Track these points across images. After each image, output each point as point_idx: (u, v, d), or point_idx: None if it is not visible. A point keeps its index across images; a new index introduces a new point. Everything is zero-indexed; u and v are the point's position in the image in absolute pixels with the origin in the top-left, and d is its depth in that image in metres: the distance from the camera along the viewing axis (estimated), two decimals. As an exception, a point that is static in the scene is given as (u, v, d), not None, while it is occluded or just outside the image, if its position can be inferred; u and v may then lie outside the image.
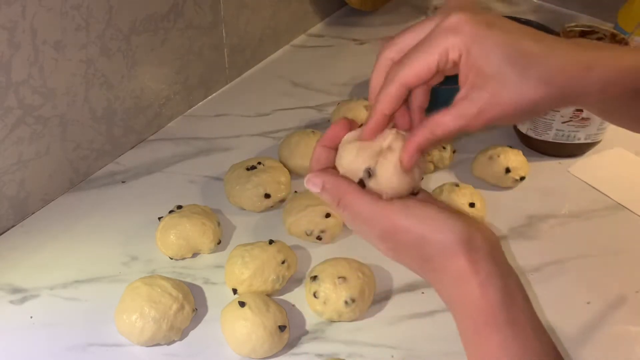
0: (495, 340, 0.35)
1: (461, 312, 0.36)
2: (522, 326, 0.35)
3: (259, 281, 0.61)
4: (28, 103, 0.64)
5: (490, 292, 0.35)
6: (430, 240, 0.36)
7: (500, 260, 0.36)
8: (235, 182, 0.71)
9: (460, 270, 0.35)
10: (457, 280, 0.36)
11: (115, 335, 0.59)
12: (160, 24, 0.75)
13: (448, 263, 0.36)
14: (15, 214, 0.69)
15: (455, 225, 0.36)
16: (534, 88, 0.35)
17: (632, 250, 0.69)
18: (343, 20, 1.06)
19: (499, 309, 0.35)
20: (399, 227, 0.37)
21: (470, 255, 0.35)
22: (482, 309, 0.35)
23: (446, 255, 0.36)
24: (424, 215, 0.37)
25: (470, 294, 0.35)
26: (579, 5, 1.10)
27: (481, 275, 0.35)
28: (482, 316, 0.35)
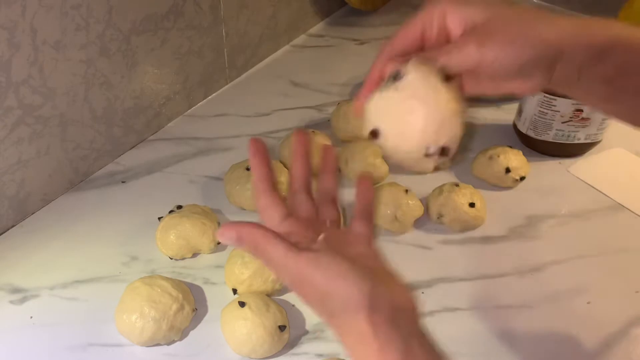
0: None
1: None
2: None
3: (259, 281, 0.61)
4: (28, 103, 0.64)
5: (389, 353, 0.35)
6: (334, 297, 0.36)
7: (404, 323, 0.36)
8: (235, 182, 0.71)
9: (360, 332, 0.36)
10: (358, 341, 0.36)
11: (115, 335, 0.59)
12: (160, 24, 0.75)
13: (350, 322, 0.36)
14: (15, 214, 0.69)
15: (361, 283, 0.36)
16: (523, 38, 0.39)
17: (632, 250, 0.69)
18: (343, 20, 1.06)
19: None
20: (305, 280, 0.37)
21: (371, 318, 0.36)
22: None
23: (349, 314, 0.36)
24: (332, 270, 0.37)
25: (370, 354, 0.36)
26: (579, 5, 1.10)
27: (380, 339, 0.35)
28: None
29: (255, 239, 0.38)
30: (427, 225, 0.71)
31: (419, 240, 0.70)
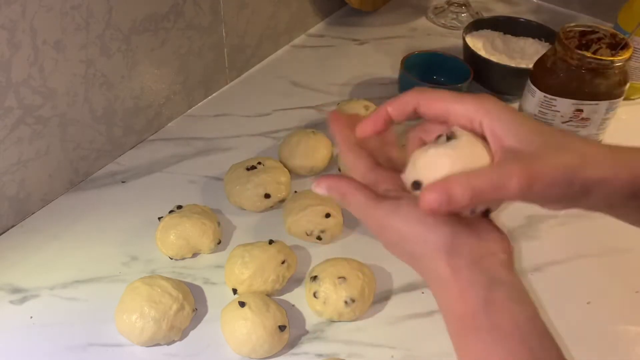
0: (476, 345, 0.35)
1: (445, 314, 0.37)
2: (506, 333, 0.34)
3: (259, 281, 0.61)
4: (28, 103, 0.64)
5: (470, 299, 0.35)
6: (414, 241, 0.37)
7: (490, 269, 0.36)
8: (235, 182, 0.71)
9: (441, 276, 0.36)
10: (439, 285, 0.37)
11: (115, 335, 0.59)
12: (160, 24, 0.75)
13: (430, 266, 0.37)
14: (15, 214, 0.69)
15: (441, 228, 0.36)
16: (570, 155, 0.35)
17: (632, 250, 0.69)
18: (343, 20, 1.06)
19: (478, 315, 0.35)
20: (385, 226, 0.38)
21: (451, 261, 0.36)
22: (461, 315, 0.36)
23: (429, 258, 0.37)
24: (412, 215, 0.37)
25: (451, 299, 0.36)
26: (579, 5, 1.10)
27: (460, 284, 0.36)
28: (462, 321, 0.36)
29: (340, 189, 0.39)
30: (427, 225, 0.71)
31: (419, 240, 0.69)
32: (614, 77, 0.74)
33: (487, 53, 0.91)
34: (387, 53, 0.99)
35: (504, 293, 0.35)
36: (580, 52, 0.73)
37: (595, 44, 0.77)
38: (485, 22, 0.95)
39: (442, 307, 0.38)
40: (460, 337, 0.36)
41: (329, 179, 0.41)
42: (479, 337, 0.35)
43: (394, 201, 0.38)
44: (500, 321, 0.35)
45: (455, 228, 0.36)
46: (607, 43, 0.78)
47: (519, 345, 0.34)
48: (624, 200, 0.38)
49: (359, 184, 0.40)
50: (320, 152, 0.75)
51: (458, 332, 0.36)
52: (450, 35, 1.04)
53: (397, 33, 1.04)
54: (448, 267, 0.36)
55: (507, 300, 0.35)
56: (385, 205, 0.38)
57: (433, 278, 0.37)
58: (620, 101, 0.77)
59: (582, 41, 0.78)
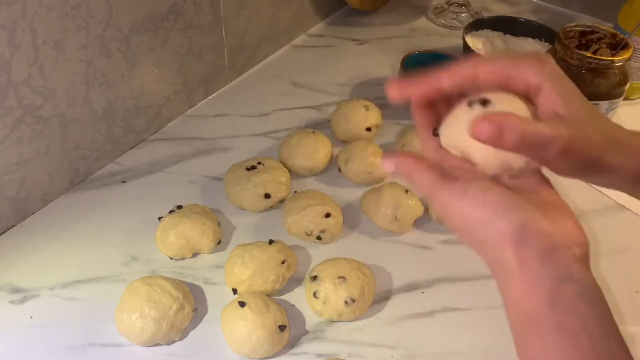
0: (538, 346, 0.33)
1: (507, 309, 0.35)
2: (573, 334, 0.32)
3: (259, 281, 0.61)
4: (28, 103, 0.64)
5: (536, 294, 0.33)
6: (480, 226, 0.35)
7: (562, 262, 0.33)
8: (235, 182, 0.71)
9: (506, 266, 0.34)
10: (504, 275, 0.34)
11: (115, 335, 0.59)
12: (160, 24, 0.75)
13: (497, 254, 0.34)
14: (15, 214, 0.69)
15: (511, 213, 0.34)
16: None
17: (632, 250, 0.69)
18: (343, 20, 1.06)
19: (543, 312, 0.33)
20: (452, 208, 0.36)
21: (518, 251, 0.33)
22: (525, 310, 0.33)
23: (495, 245, 0.34)
24: (480, 199, 0.35)
25: (515, 292, 0.34)
26: (579, 5, 1.10)
27: (526, 277, 0.33)
28: (525, 317, 0.33)
29: (407, 168, 0.38)
30: (427, 225, 0.71)
31: (419, 240, 0.70)
32: (614, 77, 0.74)
33: (487, 53, 0.91)
34: (387, 53, 0.99)
35: (574, 291, 0.33)
36: (580, 52, 0.73)
37: (595, 44, 0.78)
38: (485, 22, 0.95)
39: (505, 300, 0.35)
40: (522, 334, 0.34)
41: (396, 155, 0.39)
42: (543, 337, 0.33)
43: (463, 183, 0.36)
44: (566, 322, 0.32)
45: (526, 215, 0.34)
46: (607, 43, 0.78)
47: (587, 350, 0.32)
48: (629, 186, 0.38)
49: (427, 164, 0.38)
50: (320, 152, 0.75)
51: (520, 329, 0.34)
52: (450, 35, 1.04)
53: (397, 33, 1.04)
54: (515, 258, 0.33)
55: (577, 298, 0.33)
56: (453, 186, 0.36)
57: (498, 268, 0.35)
58: (620, 101, 0.77)
59: (582, 41, 0.78)
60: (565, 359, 0.32)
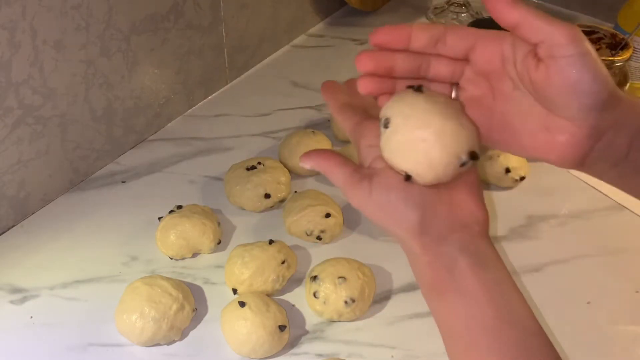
0: (443, 308, 0.39)
1: (417, 279, 0.41)
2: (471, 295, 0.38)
3: (259, 281, 0.61)
4: (28, 103, 0.64)
5: (436, 270, 0.39)
6: (388, 224, 0.40)
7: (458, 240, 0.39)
8: (235, 182, 0.71)
9: (413, 251, 0.40)
10: (413, 258, 0.41)
11: (115, 335, 0.59)
12: (160, 24, 0.75)
13: (404, 242, 0.40)
14: (15, 214, 0.69)
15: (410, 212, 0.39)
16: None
17: (632, 250, 0.69)
18: (343, 20, 1.06)
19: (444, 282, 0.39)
20: (362, 206, 0.41)
21: (420, 240, 0.39)
22: (430, 282, 0.40)
23: (402, 237, 0.40)
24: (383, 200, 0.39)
25: (421, 269, 0.40)
26: (579, 5, 1.10)
27: (429, 256, 0.39)
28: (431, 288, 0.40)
29: (322, 165, 0.43)
30: (427, 225, 0.71)
31: (419, 240, 0.69)
32: (614, 77, 0.74)
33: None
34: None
35: (471, 260, 0.38)
36: (580, 52, 0.73)
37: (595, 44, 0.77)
38: (485, 22, 0.95)
39: (416, 277, 0.41)
40: (431, 302, 0.41)
41: (314, 154, 0.44)
42: (446, 301, 0.39)
43: (369, 182, 0.40)
44: (464, 284, 0.38)
45: (425, 207, 0.39)
46: (607, 43, 0.78)
47: (485, 305, 0.37)
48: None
49: (341, 161, 0.42)
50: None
51: (429, 298, 0.41)
52: (450, 35, 1.04)
53: (397, 33, 1.04)
54: (419, 244, 0.39)
55: (474, 266, 0.38)
56: (360, 186, 0.40)
57: (408, 252, 0.41)
58: (620, 101, 0.77)
59: (582, 41, 0.78)
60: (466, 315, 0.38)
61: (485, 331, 0.37)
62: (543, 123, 0.38)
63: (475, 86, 0.41)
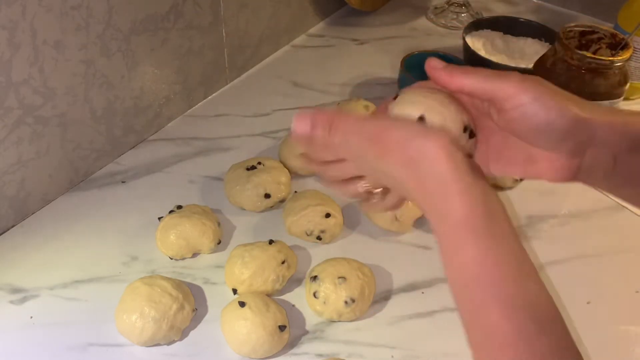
0: (472, 251, 0.35)
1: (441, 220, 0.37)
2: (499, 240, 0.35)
3: (259, 281, 0.61)
4: (28, 103, 0.64)
5: (470, 202, 0.35)
6: (414, 141, 0.37)
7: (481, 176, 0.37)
8: (235, 182, 0.71)
9: (442, 175, 0.36)
10: (438, 186, 0.36)
11: (115, 335, 0.59)
12: (160, 24, 0.75)
13: (430, 166, 0.36)
14: (15, 214, 0.69)
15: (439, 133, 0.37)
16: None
17: (632, 250, 0.69)
18: (343, 20, 1.06)
19: (478, 220, 0.35)
20: (386, 127, 0.38)
21: (452, 162, 0.36)
22: (461, 218, 0.35)
23: (429, 157, 0.36)
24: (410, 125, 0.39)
25: (450, 201, 0.36)
26: (579, 5, 1.10)
27: (461, 184, 0.35)
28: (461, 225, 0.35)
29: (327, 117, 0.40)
30: (427, 225, 0.71)
31: (419, 240, 0.70)
32: (614, 77, 0.74)
33: (487, 53, 0.91)
34: (387, 53, 0.99)
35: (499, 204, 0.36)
36: (580, 52, 0.73)
37: (595, 44, 0.78)
38: (485, 22, 0.95)
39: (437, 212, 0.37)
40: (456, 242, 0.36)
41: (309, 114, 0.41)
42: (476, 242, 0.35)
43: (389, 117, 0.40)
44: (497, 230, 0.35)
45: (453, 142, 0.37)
46: (607, 43, 0.78)
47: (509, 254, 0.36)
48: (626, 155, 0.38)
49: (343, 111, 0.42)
50: (320, 152, 0.75)
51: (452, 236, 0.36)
52: (450, 35, 1.04)
53: (397, 33, 1.04)
54: (450, 168, 0.36)
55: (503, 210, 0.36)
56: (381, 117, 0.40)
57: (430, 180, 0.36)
58: (620, 101, 0.77)
59: (582, 41, 0.78)
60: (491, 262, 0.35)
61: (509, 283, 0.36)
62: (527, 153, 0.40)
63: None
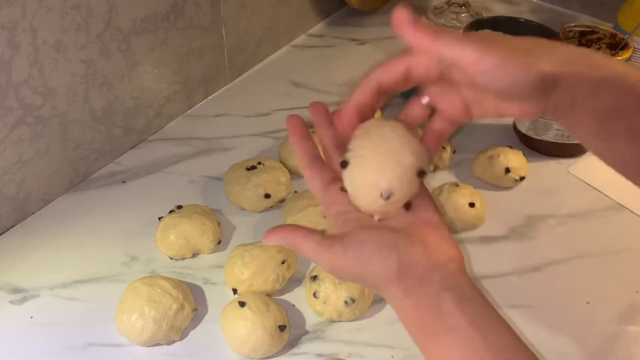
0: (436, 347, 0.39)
1: (405, 324, 0.41)
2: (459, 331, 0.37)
3: (259, 281, 0.61)
4: (28, 103, 0.64)
5: (422, 309, 0.39)
6: (366, 277, 0.41)
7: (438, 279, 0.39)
8: (235, 182, 0.71)
9: (396, 296, 0.40)
10: (397, 304, 0.41)
11: (115, 335, 0.59)
12: (160, 24, 0.75)
13: (386, 290, 0.41)
14: (15, 214, 0.69)
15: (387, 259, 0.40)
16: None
17: (632, 250, 0.69)
18: (343, 20, 1.06)
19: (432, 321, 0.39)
20: (339, 267, 0.41)
21: (401, 285, 0.39)
22: (419, 323, 0.40)
23: (383, 285, 0.40)
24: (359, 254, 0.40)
25: (408, 313, 0.40)
26: (579, 5, 1.10)
27: (412, 299, 0.39)
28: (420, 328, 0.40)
29: (289, 239, 0.43)
30: (427, 225, 0.71)
31: (419, 240, 0.69)
32: (614, 77, 0.74)
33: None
34: (387, 53, 0.98)
35: (454, 296, 0.38)
36: (580, 52, 0.73)
37: (595, 44, 0.78)
38: (485, 22, 0.95)
39: (403, 321, 0.41)
40: (421, 341, 0.40)
41: (278, 230, 0.44)
42: (437, 341, 0.38)
43: (340, 242, 0.41)
44: (453, 321, 0.38)
45: (400, 253, 0.40)
46: (607, 43, 0.78)
47: (476, 340, 0.37)
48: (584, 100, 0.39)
49: (307, 231, 0.43)
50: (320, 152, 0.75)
51: (418, 337, 0.40)
52: (450, 35, 1.04)
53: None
54: (400, 290, 0.40)
55: (458, 302, 0.38)
56: (334, 249, 0.41)
57: (391, 299, 0.41)
58: (620, 101, 0.77)
59: (582, 41, 0.78)
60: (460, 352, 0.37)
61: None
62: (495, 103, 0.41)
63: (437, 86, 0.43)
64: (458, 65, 0.39)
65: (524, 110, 0.41)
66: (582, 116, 0.39)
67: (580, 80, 0.38)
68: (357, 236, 0.41)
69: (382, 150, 0.41)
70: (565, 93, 0.39)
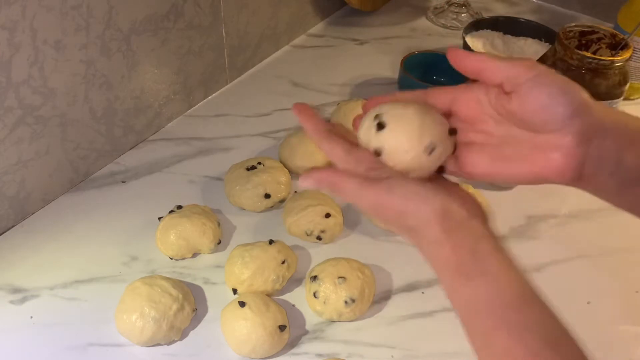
0: (468, 288, 0.40)
1: (439, 268, 0.42)
2: (493, 276, 0.39)
3: (259, 281, 0.61)
4: (28, 103, 0.64)
5: (460, 252, 0.40)
6: (409, 214, 0.41)
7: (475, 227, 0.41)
8: (235, 182, 0.71)
9: (436, 237, 0.41)
10: (434, 247, 0.41)
11: (115, 335, 0.59)
12: (160, 24, 0.75)
13: (426, 231, 0.41)
14: (15, 214, 0.69)
15: (432, 199, 0.41)
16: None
17: (632, 250, 0.69)
18: (343, 20, 1.06)
19: (469, 264, 0.40)
20: (382, 205, 0.42)
21: (442, 225, 0.40)
22: (454, 264, 0.41)
23: (424, 225, 0.41)
24: (405, 192, 0.41)
25: (444, 254, 0.41)
26: (579, 5, 1.10)
27: (452, 241, 0.40)
28: (455, 269, 0.41)
29: (329, 179, 0.43)
30: (427, 225, 0.71)
31: (419, 240, 0.69)
32: (613, 77, 0.74)
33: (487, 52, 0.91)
34: (387, 53, 0.99)
35: (489, 244, 0.41)
36: (580, 52, 0.73)
37: (595, 44, 0.78)
38: (485, 22, 0.95)
39: (434, 264, 0.42)
40: (453, 285, 0.41)
41: (316, 171, 0.44)
42: (470, 281, 0.40)
43: (386, 181, 0.42)
44: (489, 266, 0.40)
45: (444, 199, 0.41)
46: (607, 43, 0.78)
47: (508, 284, 0.39)
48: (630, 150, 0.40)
49: (347, 173, 0.43)
50: (320, 153, 0.75)
51: (452, 281, 0.41)
52: (450, 35, 1.04)
53: (397, 33, 1.04)
54: (441, 230, 0.40)
55: (493, 249, 0.40)
56: (379, 186, 0.42)
57: (428, 243, 0.42)
58: (620, 101, 0.77)
59: (582, 41, 0.78)
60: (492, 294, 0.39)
61: (512, 309, 0.39)
62: (533, 145, 0.41)
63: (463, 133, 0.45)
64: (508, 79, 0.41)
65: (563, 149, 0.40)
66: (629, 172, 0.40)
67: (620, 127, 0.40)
68: (399, 180, 0.42)
69: (416, 110, 0.42)
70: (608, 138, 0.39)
